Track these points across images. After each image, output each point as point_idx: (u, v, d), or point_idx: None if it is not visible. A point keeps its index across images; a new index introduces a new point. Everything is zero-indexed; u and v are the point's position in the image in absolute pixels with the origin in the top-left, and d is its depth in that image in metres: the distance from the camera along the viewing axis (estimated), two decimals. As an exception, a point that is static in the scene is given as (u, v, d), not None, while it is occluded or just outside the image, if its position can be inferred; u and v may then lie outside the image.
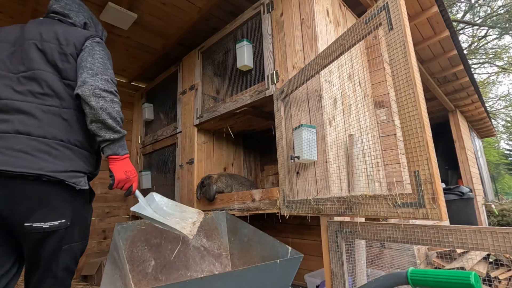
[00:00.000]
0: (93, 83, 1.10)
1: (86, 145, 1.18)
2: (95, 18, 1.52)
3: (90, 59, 1.17)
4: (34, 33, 1.18)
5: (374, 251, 1.91)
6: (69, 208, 1.08)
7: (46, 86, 1.12)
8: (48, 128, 1.07)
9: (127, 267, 1.47)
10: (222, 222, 1.83)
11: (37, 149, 1.02)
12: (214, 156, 3.01)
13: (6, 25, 2.73)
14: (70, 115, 1.14)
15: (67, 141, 1.10)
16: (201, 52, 2.75)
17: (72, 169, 1.08)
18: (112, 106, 1.13)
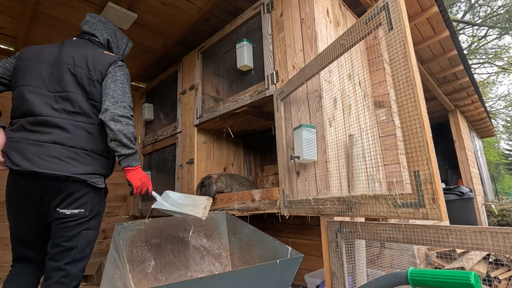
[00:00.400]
0: (113, 110, 1.36)
1: (104, 153, 1.45)
2: (120, 33, 1.74)
3: (112, 86, 1.42)
4: (68, 58, 1.43)
5: (374, 251, 1.91)
6: (88, 201, 1.35)
7: (77, 106, 1.39)
8: (76, 140, 1.35)
9: (127, 267, 1.47)
10: (222, 222, 1.83)
11: (67, 156, 1.32)
12: (214, 156, 3.01)
13: (6, 25, 2.74)
14: (94, 130, 1.42)
15: (90, 150, 1.39)
16: (201, 52, 2.75)
17: (92, 172, 1.37)
18: (127, 128, 1.39)
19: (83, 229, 1.34)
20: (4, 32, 2.86)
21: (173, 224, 1.76)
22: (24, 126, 1.33)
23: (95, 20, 1.62)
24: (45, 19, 2.68)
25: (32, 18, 2.65)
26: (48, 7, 2.52)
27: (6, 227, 2.86)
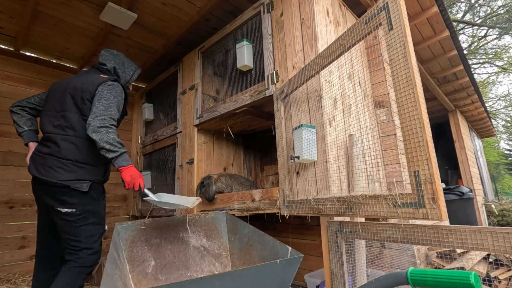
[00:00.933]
0: (93, 124, 1.57)
1: (90, 162, 1.68)
2: (129, 63, 2.05)
3: (97, 103, 1.65)
4: (71, 84, 1.74)
5: (374, 251, 1.91)
6: (77, 202, 1.59)
7: (68, 121, 1.66)
8: (64, 152, 1.61)
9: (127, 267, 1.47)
10: (222, 222, 1.83)
11: (57, 166, 1.59)
12: (214, 156, 3.01)
13: (6, 25, 2.74)
14: (79, 142, 1.65)
15: (74, 160, 1.63)
16: (201, 52, 2.75)
17: (76, 178, 1.60)
18: (107, 136, 1.57)
19: (81, 225, 1.59)
20: (4, 32, 2.86)
21: (173, 224, 1.76)
22: (40, 141, 1.73)
23: (107, 53, 1.99)
24: (45, 19, 2.68)
25: (32, 18, 2.65)
26: (48, 7, 2.52)
27: (6, 227, 2.86)
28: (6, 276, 2.71)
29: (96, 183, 1.71)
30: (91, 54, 3.24)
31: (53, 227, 1.69)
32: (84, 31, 2.86)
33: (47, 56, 3.32)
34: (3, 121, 2.96)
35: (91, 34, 2.91)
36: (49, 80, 3.32)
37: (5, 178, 2.91)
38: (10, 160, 2.96)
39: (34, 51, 3.23)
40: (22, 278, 2.76)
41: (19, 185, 2.99)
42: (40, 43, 3.07)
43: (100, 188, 1.76)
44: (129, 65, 2.05)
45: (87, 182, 1.63)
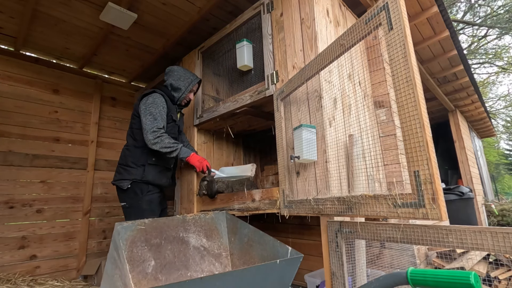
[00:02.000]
0: (147, 140, 1.98)
1: (131, 165, 2.05)
2: (185, 75, 2.32)
3: (143, 119, 2.03)
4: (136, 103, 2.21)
5: (374, 251, 1.91)
6: (124, 197, 2.02)
7: (127, 135, 2.20)
8: (119, 160, 2.14)
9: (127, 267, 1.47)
10: (222, 222, 1.83)
11: (116, 171, 2.12)
12: (214, 156, 3.00)
13: (6, 25, 2.74)
14: (126, 150, 2.12)
15: (121, 164, 2.08)
16: (201, 52, 2.75)
17: (120, 179, 2.03)
18: (161, 144, 1.98)
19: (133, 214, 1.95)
20: (4, 32, 2.86)
21: (173, 224, 1.76)
22: None
23: (168, 70, 2.34)
24: (45, 19, 2.68)
25: (32, 18, 2.65)
26: (48, 7, 2.52)
27: (6, 227, 2.87)
28: (6, 276, 2.71)
29: (138, 182, 2.02)
30: (91, 54, 3.24)
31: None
32: (84, 31, 2.86)
33: (47, 56, 3.32)
34: (3, 121, 2.97)
35: (91, 34, 2.91)
36: (49, 80, 3.33)
37: (5, 178, 2.91)
38: (10, 160, 2.96)
39: (34, 51, 3.23)
40: (22, 278, 2.76)
41: (19, 185, 2.99)
42: (40, 43, 3.07)
43: (142, 186, 2.05)
44: (185, 77, 2.31)
45: (128, 181, 2.00)
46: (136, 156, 2.05)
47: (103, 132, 3.68)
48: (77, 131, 3.46)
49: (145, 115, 2.02)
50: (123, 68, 3.65)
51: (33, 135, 3.13)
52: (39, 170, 3.12)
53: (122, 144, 3.80)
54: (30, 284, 2.67)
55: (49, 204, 3.16)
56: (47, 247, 3.07)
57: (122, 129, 3.88)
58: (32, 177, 3.08)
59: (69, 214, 3.28)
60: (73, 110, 3.46)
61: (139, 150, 2.06)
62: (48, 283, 2.79)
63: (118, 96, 3.91)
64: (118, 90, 3.93)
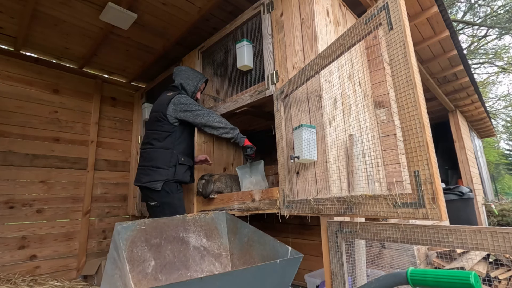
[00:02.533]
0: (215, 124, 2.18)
1: (161, 166, 2.11)
2: (193, 74, 2.39)
3: (193, 115, 2.18)
4: (154, 106, 2.29)
5: (374, 251, 1.91)
6: (156, 197, 2.08)
7: (148, 138, 2.22)
8: (144, 162, 2.18)
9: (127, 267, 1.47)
10: (222, 222, 1.83)
11: (142, 173, 2.15)
12: (214, 156, 3.00)
13: (6, 25, 2.74)
14: (153, 153, 2.15)
15: (149, 166, 2.13)
16: (201, 52, 2.75)
17: (152, 180, 2.08)
18: (225, 125, 2.19)
19: (163, 213, 2.04)
20: (4, 32, 2.86)
21: (173, 224, 1.76)
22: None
23: (176, 71, 2.40)
24: (45, 19, 2.68)
25: (32, 18, 2.65)
26: (48, 7, 2.52)
27: (6, 227, 2.87)
28: (6, 276, 2.71)
29: (170, 182, 2.10)
30: (91, 54, 3.24)
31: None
32: (84, 31, 2.86)
33: (47, 56, 3.32)
34: (3, 121, 2.97)
35: (91, 34, 2.91)
36: (49, 80, 3.33)
37: (5, 178, 2.91)
38: (10, 160, 2.96)
39: (34, 51, 3.23)
40: (22, 278, 2.76)
41: (19, 185, 2.99)
42: (40, 43, 3.07)
43: (172, 185, 2.12)
44: (194, 77, 2.38)
45: (160, 182, 2.06)
46: (167, 158, 2.12)
47: (103, 132, 3.68)
48: (77, 131, 3.46)
49: (197, 112, 2.16)
50: (123, 68, 3.65)
51: (33, 135, 3.13)
52: (39, 170, 3.12)
53: (122, 144, 3.82)
54: (30, 284, 2.67)
55: (49, 204, 3.16)
56: (47, 247, 3.07)
57: (122, 129, 3.88)
58: (32, 177, 3.08)
59: (69, 214, 3.28)
60: (73, 110, 3.46)
61: (168, 152, 2.13)
62: (48, 283, 2.79)
63: (118, 96, 3.91)
64: (118, 90, 3.93)
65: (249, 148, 2.20)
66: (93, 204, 3.47)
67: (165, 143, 2.15)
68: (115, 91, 3.89)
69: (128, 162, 3.85)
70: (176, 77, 2.37)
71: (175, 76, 2.37)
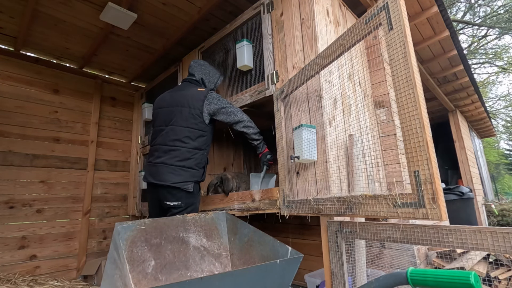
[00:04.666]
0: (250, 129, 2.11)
1: (194, 167, 2.00)
2: (212, 71, 2.31)
3: (230, 113, 2.06)
4: (175, 101, 2.08)
5: (374, 251, 1.91)
6: (183, 197, 1.95)
7: (176, 134, 2.01)
8: (173, 160, 1.98)
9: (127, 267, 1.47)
10: (222, 222, 1.83)
11: (167, 171, 1.96)
12: (214, 156, 3.01)
13: (6, 25, 2.74)
14: (187, 152, 2.00)
15: (181, 166, 1.97)
16: (201, 52, 2.75)
17: (184, 181, 1.95)
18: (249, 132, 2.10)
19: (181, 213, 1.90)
20: (4, 32, 2.86)
21: (173, 224, 1.76)
22: (150, 152, 2.12)
23: (196, 64, 2.29)
24: (45, 19, 2.68)
25: (32, 18, 2.65)
26: (48, 7, 2.52)
27: (6, 227, 2.87)
28: (6, 276, 2.71)
29: (198, 182, 2.04)
30: (91, 54, 3.24)
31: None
32: (84, 31, 2.86)
33: (47, 56, 3.32)
34: (3, 121, 2.97)
35: (91, 34, 2.91)
36: (49, 80, 3.33)
37: (5, 178, 2.91)
38: (10, 160, 2.96)
39: (34, 51, 3.23)
40: (22, 278, 2.76)
41: (19, 185, 2.99)
42: (40, 43, 3.07)
43: (196, 186, 2.05)
44: (213, 74, 2.31)
45: (191, 183, 1.97)
46: (199, 158, 2.02)
47: (103, 132, 3.68)
48: (77, 131, 3.46)
49: (231, 109, 2.07)
50: (123, 68, 3.65)
51: (33, 135, 3.13)
52: (39, 170, 3.12)
53: (122, 144, 3.82)
54: (30, 284, 2.67)
55: (49, 204, 3.16)
56: (47, 247, 3.07)
57: (122, 129, 3.88)
58: (32, 177, 3.08)
59: (69, 214, 3.28)
60: (73, 110, 3.46)
61: (201, 152, 2.03)
62: (48, 283, 2.79)
63: (118, 96, 3.91)
64: (118, 90, 3.93)
65: (270, 155, 2.11)
66: (93, 204, 3.47)
67: (198, 142, 2.03)
68: (115, 91, 3.89)
69: (128, 162, 3.85)
70: (196, 71, 2.25)
71: (194, 70, 2.25)
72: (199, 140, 2.03)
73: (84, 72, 3.60)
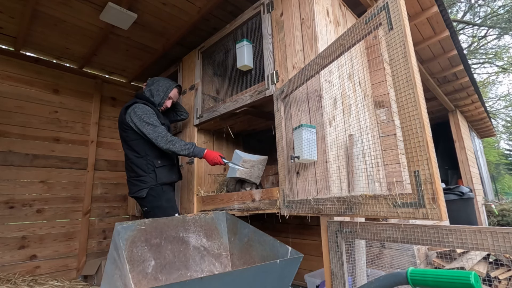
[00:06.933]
0: (160, 147, 2.04)
1: (142, 174, 2.10)
2: (163, 82, 2.33)
3: (144, 130, 2.06)
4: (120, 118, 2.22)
5: (374, 251, 1.91)
6: (145, 203, 2.11)
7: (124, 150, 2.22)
8: (127, 173, 2.21)
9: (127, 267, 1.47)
10: (222, 222, 1.83)
11: (129, 185, 2.18)
12: (214, 156, 2.98)
13: (6, 25, 2.74)
14: (131, 163, 2.15)
15: (130, 177, 2.16)
16: (201, 52, 2.75)
17: (138, 190, 2.09)
18: (176, 147, 2.03)
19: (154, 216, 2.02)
20: (4, 32, 2.86)
21: (173, 224, 1.76)
22: None
23: (149, 81, 2.35)
24: (45, 19, 2.68)
25: (32, 18, 2.65)
26: (48, 7, 2.52)
27: (6, 227, 2.87)
28: (6, 276, 2.71)
29: (154, 186, 2.10)
30: (91, 54, 3.24)
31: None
32: (84, 31, 2.86)
33: (47, 56, 3.32)
34: (3, 121, 2.97)
35: (91, 34, 2.91)
36: (49, 80, 3.33)
37: (5, 178, 2.91)
38: (10, 160, 2.96)
39: (34, 51, 3.23)
40: (22, 278, 2.76)
41: (19, 185, 2.99)
42: (40, 43, 3.07)
43: (158, 189, 2.12)
44: (163, 84, 2.32)
45: (145, 188, 2.08)
46: (143, 165, 2.11)
47: (103, 132, 3.68)
48: (77, 131, 3.46)
49: (144, 126, 2.04)
50: (123, 68, 3.65)
51: (33, 135, 3.13)
52: (39, 170, 3.12)
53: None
54: (30, 284, 2.67)
55: (49, 204, 3.16)
56: (47, 247, 3.07)
57: (122, 129, 3.88)
58: (32, 177, 3.08)
59: (69, 214, 3.28)
60: (73, 110, 3.46)
61: (142, 159, 2.11)
62: (48, 283, 2.79)
63: (118, 96, 3.91)
64: (118, 90, 3.93)
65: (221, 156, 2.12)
66: (93, 204, 3.47)
67: (137, 152, 2.13)
68: (115, 91, 3.89)
69: (128, 162, 3.85)
70: (147, 86, 2.34)
71: (147, 85, 2.35)
72: (135, 148, 2.12)
73: (84, 72, 3.60)
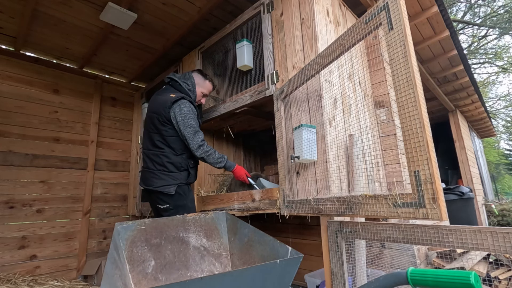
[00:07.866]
0: (195, 153, 2.03)
1: (174, 170, 2.05)
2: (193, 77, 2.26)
3: (185, 132, 2.01)
4: (153, 106, 2.12)
5: (374, 251, 1.91)
6: (169, 200, 2.01)
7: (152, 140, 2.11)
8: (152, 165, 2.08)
9: (127, 267, 1.47)
10: (222, 222, 1.83)
11: (151, 176, 2.06)
12: (214, 156, 2.98)
13: (6, 25, 2.74)
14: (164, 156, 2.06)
15: (158, 170, 2.05)
16: (201, 52, 2.75)
17: (165, 184, 2.01)
18: (211, 159, 2.04)
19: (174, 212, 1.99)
20: (4, 32, 2.86)
21: (173, 224, 1.76)
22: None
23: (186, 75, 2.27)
24: (45, 19, 2.68)
25: (32, 18, 2.65)
26: (48, 7, 2.52)
27: (6, 227, 2.87)
28: (6, 276, 2.71)
29: (183, 185, 2.07)
30: (91, 54, 3.24)
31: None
32: (84, 31, 2.86)
33: (47, 56, 3.32)
34: (3, 121, 2.96)
35: (91, 34, 2.91)
36: (49, 80, 3.32)
37: (5, 178, 2.91)
38: (10, 160, 2.96)
39: (34, 51, 3.23)
40: (22, 278, 2.76)
41: (19, 185, 2.99)
42: (40, 43, 3.07)
43: (185, 188, 2.08)
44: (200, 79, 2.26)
45: (173, 185, 2.02)
46: (177, 162, 2.06)
47: (103, 132, 3.68)
48: (77, 131, 3.46)
49: (186, 128, 2.00)
50: (123, 68, 3.65)
51: (33, 135, 3.13)
52: (39, 170, 3.12)
53: (122, 144, 3.82)
54: (30, 284, 2.67)
55: (49, 204, 3.16)
56: (47, 247, 3.07)
57: (122, 129, 3.88)
58: (32, 177, 3.08)
59: (69, 214, 3.28)
60: (73, 110, 3.46)
61: (179, 157, 2.07)
62: (48, 283, 2.79)
63: (118, 96, 3.91)
64: (118, 90, 3.93)
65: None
66: (93, 204, 3.47)
67: (175, 149, 2.07)
68: (115, 91, 3.89)
69: (128, 162, 3.85)
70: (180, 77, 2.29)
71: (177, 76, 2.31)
72: (173, 145, 2.06)
73: (84, 72, 3.60)
